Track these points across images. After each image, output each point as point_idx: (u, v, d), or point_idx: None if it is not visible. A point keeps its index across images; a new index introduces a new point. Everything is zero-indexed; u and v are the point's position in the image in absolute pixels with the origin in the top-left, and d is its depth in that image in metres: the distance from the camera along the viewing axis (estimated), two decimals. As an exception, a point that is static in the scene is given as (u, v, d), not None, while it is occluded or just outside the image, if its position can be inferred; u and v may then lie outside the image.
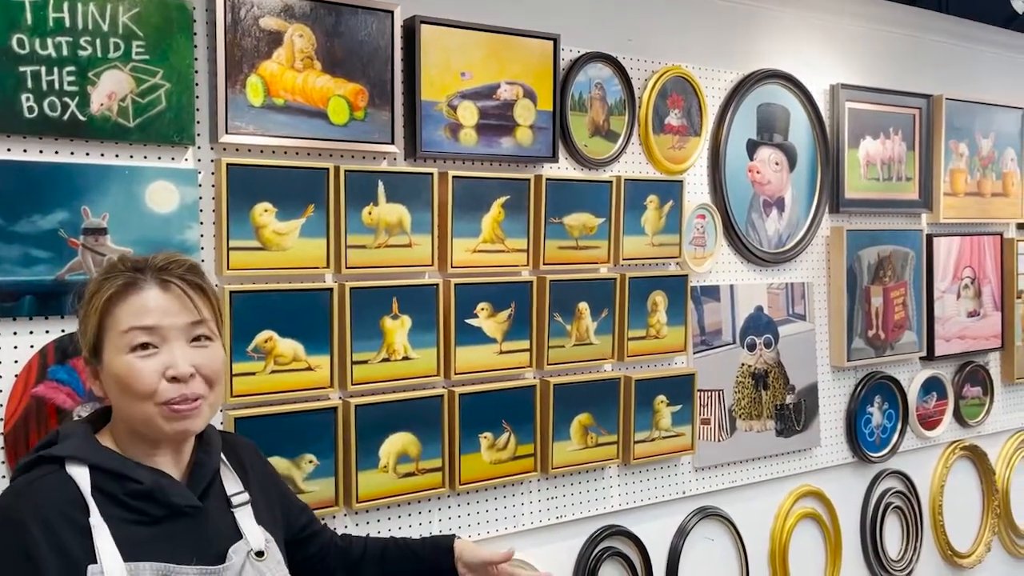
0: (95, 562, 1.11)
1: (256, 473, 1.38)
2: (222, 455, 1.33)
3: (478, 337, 2.20)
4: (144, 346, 1.18)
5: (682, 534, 2.63)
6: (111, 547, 1.13)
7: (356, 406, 2.01)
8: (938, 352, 3.27)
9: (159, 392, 1.17)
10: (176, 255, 1.26)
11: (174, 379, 1.18)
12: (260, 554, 1.26)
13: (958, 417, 3.42)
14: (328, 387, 1.99)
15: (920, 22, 3.28)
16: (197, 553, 1.19)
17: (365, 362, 2.04)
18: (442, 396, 2.15)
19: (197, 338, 1.22)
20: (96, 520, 1.13)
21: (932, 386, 3.31)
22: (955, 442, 3.43)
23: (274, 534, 1.33)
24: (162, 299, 1.20)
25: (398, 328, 2.08)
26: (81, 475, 1.16)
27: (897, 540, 3.27)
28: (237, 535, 1.26)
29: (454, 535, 1.57)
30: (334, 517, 2.04)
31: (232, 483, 1.31)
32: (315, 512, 1.98)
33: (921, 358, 3.27)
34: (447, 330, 2.16)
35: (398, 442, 2.08)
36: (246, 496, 1.31)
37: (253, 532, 1.27)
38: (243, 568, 1.23)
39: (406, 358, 2.09)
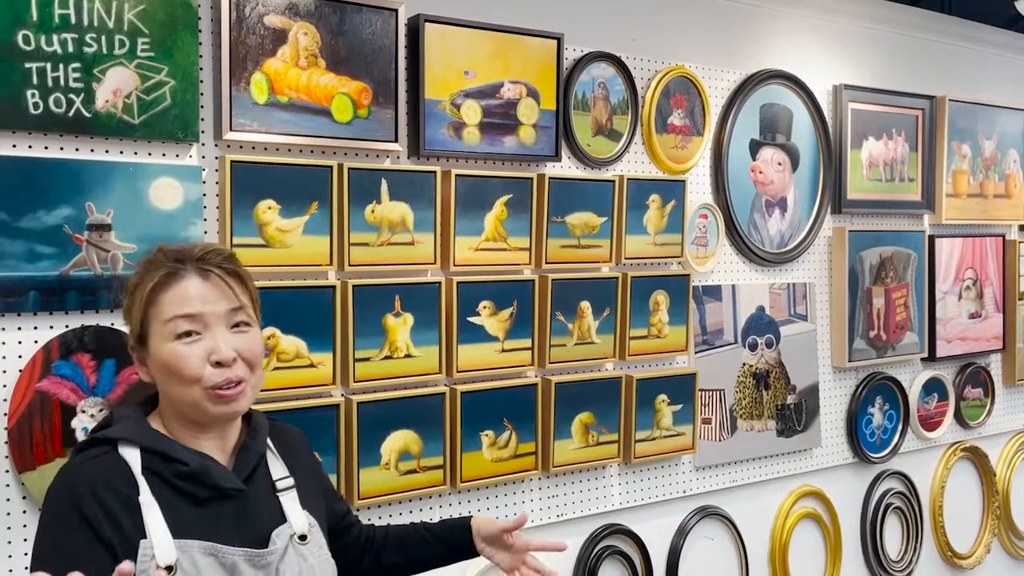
0: (145, 537, 1.15)
1: (302, 460, 1.40)
2: (269, 441, 1.35)
3: (480, 335, 2.21)
4: (188, 333, 1.22)
5: (682, 533, 2.64)
6: (161, 524, 1.17)
7: (358, 403, 2.02)
8: (939, 353, 3.27)
9: (205, 377, 1.21)
10: (214, 245, 1.30)
11: (218, 364, 1.22)
12: (303, 538, 1.28)
13: (959, 418, 3.43)
14: (330, 384, 2.00)
15: (923, 23, 3.28)
16: (240, 535, 1.22)
17: (367, 359, 2.04)
18: (444, 394, 2.15)
19: (237, 324, 1.25)
20: (146, 498, 1.18)
21: (933, 387, 3.31)
22: (956, 443, 3.43)
23: (318, 520, 1.35)
24: (203, 288, 1.23)
25: (400, 326, 2.09)
26: (132, 456, 1.20)
27: (897, 541, 3.27)
28: (281, 519, 1.28)
29: (471, 515, 1.57)
30: (335, 514, 2.04)
31: (278, 468, 1.33)
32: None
33: (922, 359, 3.28)
34: (449, 328, 2.16)
35: (400, 440, 2.09)
36: (291, 481, 1.32)
37: (297, 516, 1.30)
38: (286, 551, 1.26)
39: (408, 356, 2.10)
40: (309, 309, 1.97)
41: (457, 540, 1.55)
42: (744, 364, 2.76)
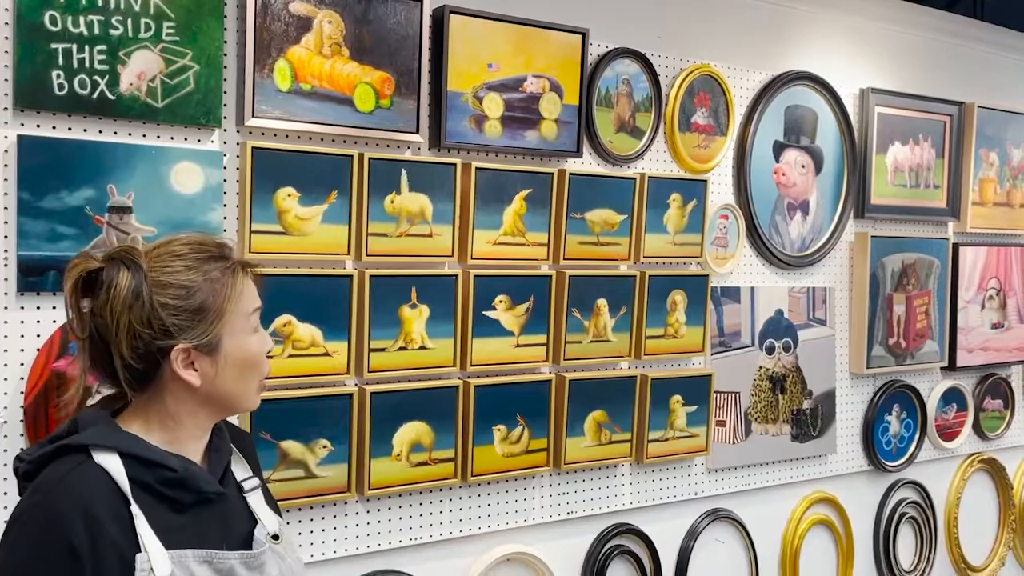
0: (140, 551, 1.10)
1: (256, 462, 1.40)
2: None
3: (495, 329, 2.20)
4: (256, 328, 1.26)
5: (692, 535, 2.62)
6: (152, 536, 1.12)
7: (372, 393, 2.02)
8: (960, 363, 3.23)
9: (264, 369, 1.27)
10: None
11: (267, 355, 1.28)
12: (276, 537, 1.27)
13: (977, 429, 3.38)
14: (345, 373, 2.00)
15: (955, 28, 3.23)
16: (226, 539, 1.20)
17: (382, 350, 2.04)
18: (457, 387, 2.15)
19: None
20: (135, 509, 1.12)
21: (952, 397, 3.27)
22: (973, 454, 3.39)
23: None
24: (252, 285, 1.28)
25: (416, 317, 2.08)
26: (111, 463, 1.13)
27: (910, 551, 3.24)
28: (253, 520, 1.27)
29: None
30: (346, 503, 2.05)
31: (241, 469, 1.32)
32: (327, 498, 2.00)
33: (942, 368, 3.24)
34: (464, 321, 2.16)
35: (412, 431, 2.08)
36: (256, 481, 1.32)
37: (267, 516, 1.29)
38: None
39: (423, 347, 2.10)
40: (326, 298, 1.97)
41: None
42: (761, 367, 2.74)
